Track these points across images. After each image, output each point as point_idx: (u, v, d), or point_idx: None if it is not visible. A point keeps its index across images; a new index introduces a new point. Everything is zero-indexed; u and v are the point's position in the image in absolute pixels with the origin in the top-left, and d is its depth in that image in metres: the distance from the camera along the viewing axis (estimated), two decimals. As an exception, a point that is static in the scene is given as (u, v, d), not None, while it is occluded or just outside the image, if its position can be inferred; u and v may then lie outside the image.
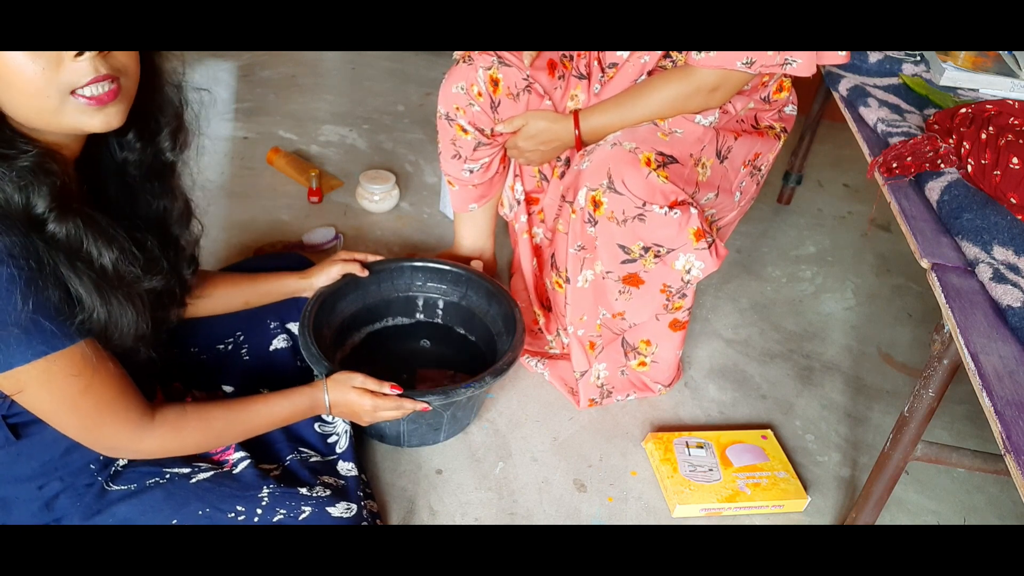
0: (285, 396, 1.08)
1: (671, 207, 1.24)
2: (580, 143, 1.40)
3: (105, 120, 0.80)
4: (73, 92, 0.77)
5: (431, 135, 2.31)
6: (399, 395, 1.15)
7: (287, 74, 2.59)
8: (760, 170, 1.44)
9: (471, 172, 1.52)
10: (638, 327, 1.42)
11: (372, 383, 1.14)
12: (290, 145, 2.20)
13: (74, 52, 0.75)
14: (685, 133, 1.32)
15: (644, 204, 1.24)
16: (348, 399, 1.12)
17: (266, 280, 1.29)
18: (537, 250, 1.62)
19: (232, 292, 1.25)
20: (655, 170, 1.24)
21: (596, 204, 1.27)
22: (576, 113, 1.39)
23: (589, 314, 1.41)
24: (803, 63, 1.24)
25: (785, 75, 1.39)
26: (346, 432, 1.20)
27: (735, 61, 1.25)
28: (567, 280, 1.39)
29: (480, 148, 1.48)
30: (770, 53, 1.24)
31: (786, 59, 1.24)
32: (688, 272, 1.30)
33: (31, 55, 0.74)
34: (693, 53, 1.27)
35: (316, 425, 1.19)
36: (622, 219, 1.26)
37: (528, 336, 1.55)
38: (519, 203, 1.61)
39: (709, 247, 1.27)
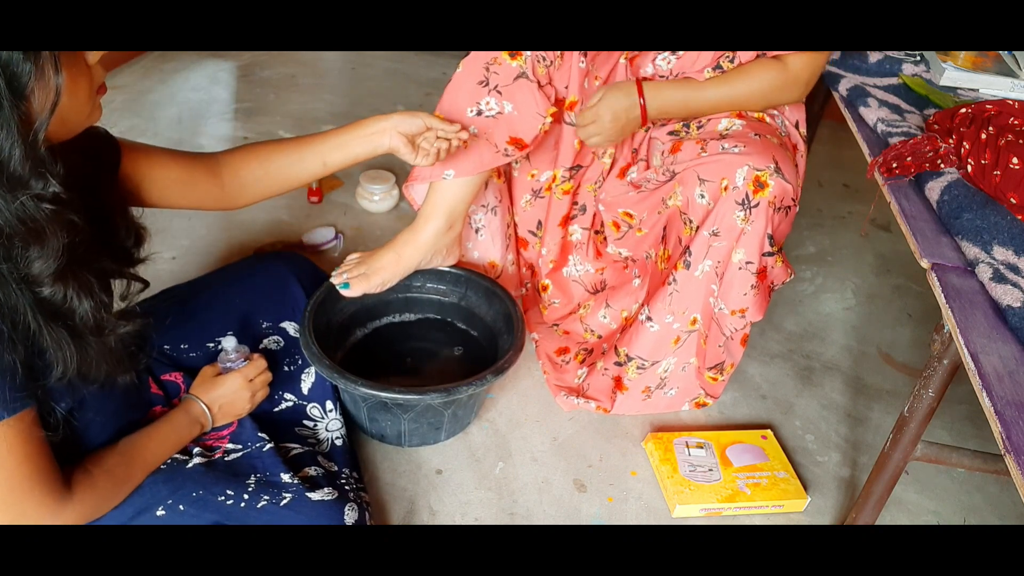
0: (164, 419, 1.05)
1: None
2: (645, 118, 1.34)
3: (101, 110, 0.84)
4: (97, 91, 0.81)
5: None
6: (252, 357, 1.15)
7: (287, 74, 2.59)
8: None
9: (478, 113, 1.25)
10: (734, 347, 1.35)
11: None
12: (290, 145, 2.20)
13: (96, 55, 0.78)
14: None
15: (795, 199, 1.22)
16: (216, 392, 1.10)
17: (327, 138, 1.14)
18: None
19: (273, 162, 1.11)
20: (795, 166, 1.24)
21: (759, 185, 1.19)
22: (639, 83, 1.33)
23: (693, 307, 1.33)
24: None
25: None
26: (327, 440, 1.22)
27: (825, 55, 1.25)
28: (687, 266, 1.29)
29: (520, 82, 1.24)
30: None
31: None
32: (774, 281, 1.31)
33: (76, 68, 0.76)
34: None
35: (296, 429, 1.20)
36: (779, 206, 1.20)
37: (554, 370, 1.52)
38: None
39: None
